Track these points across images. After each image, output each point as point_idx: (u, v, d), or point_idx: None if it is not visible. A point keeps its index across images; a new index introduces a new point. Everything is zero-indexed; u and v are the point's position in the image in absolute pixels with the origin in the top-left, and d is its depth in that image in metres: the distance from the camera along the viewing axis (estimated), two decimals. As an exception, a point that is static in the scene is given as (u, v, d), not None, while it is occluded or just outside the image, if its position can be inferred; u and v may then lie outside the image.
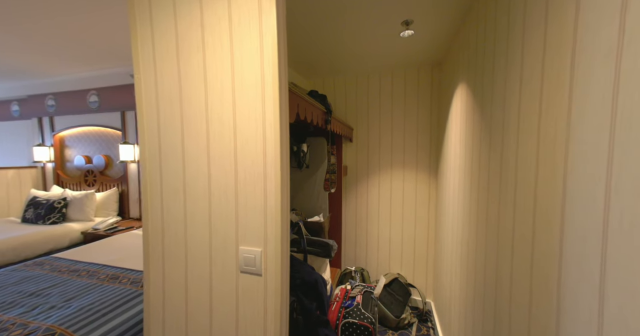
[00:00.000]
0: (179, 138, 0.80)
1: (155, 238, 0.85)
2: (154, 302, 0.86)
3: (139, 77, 0.83)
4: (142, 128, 0.84)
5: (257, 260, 0.73)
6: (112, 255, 1.69)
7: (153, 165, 0.84)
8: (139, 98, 0.84)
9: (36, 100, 3.18)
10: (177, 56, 0.78)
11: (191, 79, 0.77)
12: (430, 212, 2.02)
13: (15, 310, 1.09)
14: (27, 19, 1.72)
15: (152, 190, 0.84)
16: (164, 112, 0.81)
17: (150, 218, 0.85)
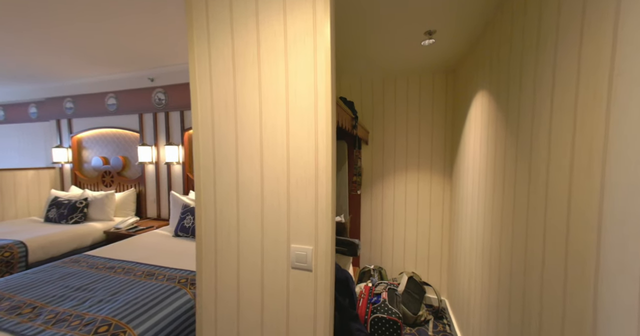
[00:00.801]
0: (232, 145, 0.87)
1: (208, 239, 0.92)
2: (206, 299, 0.93)
3: (194, 89, 0.90)
4: (196, 137, 0.91)
5: (308, 257, 0.80)
6: (141, 253, 1.76)
7: (207, 171, 0.91)
8: (195, 109, 0.91)
9: (54, 102, 3.26)
10: (233, 70, 0.85)
11: (246, 91, 0.84)
12: (445, 213, 2.09)
13: (67, 302, 1.16)
14: (48, 24, 1.79)
15: (206, 194, 0.91)
16: (219, 122, 0.88)
17: (203, 220, 0.92)
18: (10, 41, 2.04)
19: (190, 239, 2.08)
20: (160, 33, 1.91)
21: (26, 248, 1.98)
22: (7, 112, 3.62)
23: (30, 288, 1.27)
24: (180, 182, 2.76)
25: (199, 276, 0.94)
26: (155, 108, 2.79)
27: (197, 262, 0.94)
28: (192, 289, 1.32)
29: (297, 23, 0.77)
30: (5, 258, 1.85)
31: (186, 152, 2.71)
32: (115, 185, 3.03)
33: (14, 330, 0.98)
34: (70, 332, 0.97)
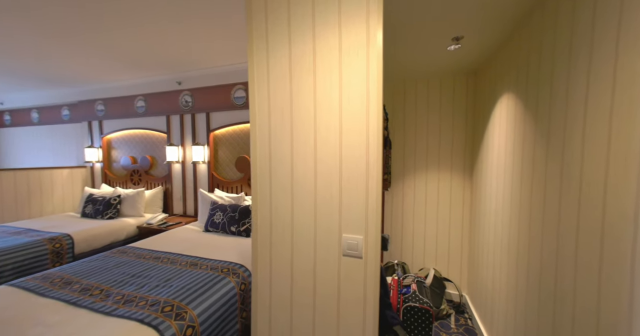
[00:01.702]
0: (287, 145, 0.97)
1: (264, 230, 1.02)
2: (261, 286, 1.04)
3: (253, 94, 1.01)
4: (253, 137, 1.02)
5: (359, 245, 0.89)
6: (179, 245, 1.88)
7: (263, 167, 1.01)
8: (253, 111, 1.01)
9: (86, 105, 3.46)
10: (289, 77, 0.95)
11: (302, 95, 0.94)
12: (465, 212, 2.15)
13: (128, 287, 1.29)
14: (87, 31, 1.94)
15: (262, 189, 1.02)
16: (275, 122, 0.98)
17: (259, 213, 1.03)
18: (52, 47, 2.21)
19: (221, 234, 2.20)
20: (189, 39, 2.04)
21: (72, 240, 2.14)
22: (41, 114, 3.85)
23: (93, 274, 1.41)
24: (205, 180, 2.89)
25: (254, 265, 1.04)
26: (182, 110, 2.94)
27: (253, 252, 1.05)
28: (235, 278, 1.43)
29: (351, 36, 0.87)
30: (56, 249, 2.01)
31: (211, 152, 2.84)
32: (143, 183, 3.20)
33: (92, 307, 1.11)
34: (140, 310, 1.09)
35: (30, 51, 2.27)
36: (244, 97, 2.64)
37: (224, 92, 2.72)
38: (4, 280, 1.74)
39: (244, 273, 1.50)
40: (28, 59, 2.48)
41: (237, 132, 2.76)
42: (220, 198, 2.47)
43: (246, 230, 2.13)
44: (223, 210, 2.25)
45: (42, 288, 1.26)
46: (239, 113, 2.71)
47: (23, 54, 2.34)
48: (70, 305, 1.13)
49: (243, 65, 2.63)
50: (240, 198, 2.44)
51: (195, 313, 1.13)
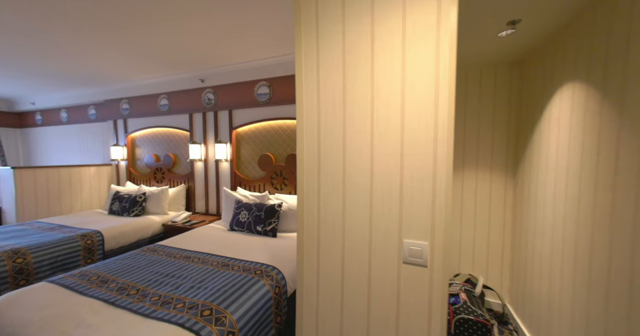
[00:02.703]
0: (340, 138, 0.88)
1: (311, 229, 0.95)
2: (307, 289, 0.96)
3: (300, 84, 0.93)
4: (300, 129, 0.94)
5: (424, 253, 0.80)
6: (207, 245, 1.85)
7: (311, 163, 0.93)
8: (300, 104, 0.94)
9: (112, 104, 3.53)
10: (342, 65, 0.86)
11: (357, 85, 0.85)
12: (507, 214, 2.00)
13: (163, 287, 1.25)
14: (111, 27, 1.93)
15: (309, 186, 0.94)
16: (325, 115, 0.90)
17: (306, 211, 0.95)
18: (78, 43, 2.23)
19: (246, 233, 2.16)
20: (214, 34, 2.00)
21: (102, 237, 2.16)
22: (70, 114, 3.98)
23: (127, 273, 1.39)
24: (228, 178, 2.87)
25: (299, 266, 0.97)
26: (204, 107, 2.93)
27: (299, 252, 0.97)
28: (268, 280, 1.37)
29: (418, 15, 0.77)
30: (87, 245, 2.04)
31: (233, 150, 2.82)
32: (166, 181, 3.22)
33: (130, 308, 1.07)
34: (179, 313, 1.04)
35: (58, 49, 2.31)
36: (267, 93, 2.59)
37: (247, 89, 2.68)
38: (41, 274, 1.77)
39: (277, 276, 1.43)
40: (56, 58, 2.53)
41: (260, 129, 2.71)
42: (245, 196, 2.43)
43: (272, 229, 2.08)
44: (248, 209, 2.20)
45: (80, 286, 1.25)
46: (262, 110, 2.66)
47: (51, 52, 2.39)
48: (109, 305, 1.11)
49: (267, 61, 2.57)
50: (265, 197, 2.39)
51: (234, 317, 1.07)
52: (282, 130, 2.61)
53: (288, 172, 2.54)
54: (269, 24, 1.87)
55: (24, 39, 2.08)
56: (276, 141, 2.63)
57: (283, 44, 2.24)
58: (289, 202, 2.27)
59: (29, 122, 4.44)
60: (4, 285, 1.61)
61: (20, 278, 1.67)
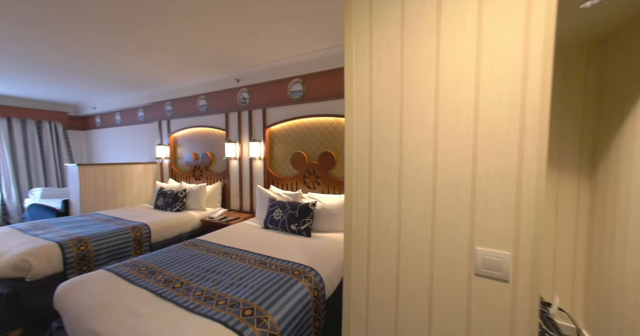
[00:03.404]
0: (396, 129, 0.78)
1: (360, 232, 0.86)
2: (355, 297, 0.87)
3: (350, 71, 0.84)
4: (349, 120, 0.85)
5: (504, 265, 0.66)
6: (243, 241, 1.86)
7: (361, 157, 0.84)
8: (349, 92, 0.85)
9: (157, 106, 3.81)
10: (400, 44, 0.76)
11: (418, 67, 0.74)
12: (581, 220, 1.69)
13: (205, 282, 1.26)
14: (165, 39, 2.03)
15: (358, 183, 0.85)
16: (379, 103, 0.80)
17: (354, 211, 0.86)
18: (133, 48, 2.41)
19: (280, 231, 2.14)
20: (250, 31, 2.01)
21: (149, 230, 2.31)
22: (122, 116, 4.40)
23: (171, 265, 1.44)
24: (261, 176, 2.91)
25: (347, 272, 0.89)
26: (239, 107, 3.00)
27: (346, 256, 0.89)
28: (307, 282, 1.31)
29: (501, -22, 0.63)
30: (137, 237, 2.20)
31: (267, 148, 2.84)
32: (204, 179, 3.38)
33: (176, 301, 1.09)
34: (222, 311, 1.03)
35: (113, 54, 2.53)
36: (300, 90, 2.55)
37: (280, 87, 2.68)
38: (99, 261, 1.94)
39: (315, 278, 1.37)
40: (112, 64, 2.79)
41: (293, 127, 2.69)
42: (278, 195, 2.43)
43: (306, 229, 2.03)
44: (282, 208, 2.19)
45: (132, 275, 1.31)
46: (295, 108, 2.64)
47: (107, 58, 2.62)
48: (157, 296, 1.14)
49: (300, 58, 2.54)
50: (298, 195, 2.36)
51: (275, 320, 1.03)
52: (315, 127, 2.55)
53: (321, 170, 2.48)
54: (304, 18, 1.82)
55: (86, 47, 2.31)
56: (309, 139, 2.59)
57: (318, 39, 2.19)
58: (323, 201, 2.20)
59: (90, 124, 5.02)
60: (70, 270, 1.79)
61: (83, 264, 1.85)
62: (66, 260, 1.77)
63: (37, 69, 2.90)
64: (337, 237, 2.00)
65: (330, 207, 2.14)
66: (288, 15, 1.79)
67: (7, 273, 1.57)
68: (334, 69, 2.36)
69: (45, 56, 2.50)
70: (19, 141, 4.23)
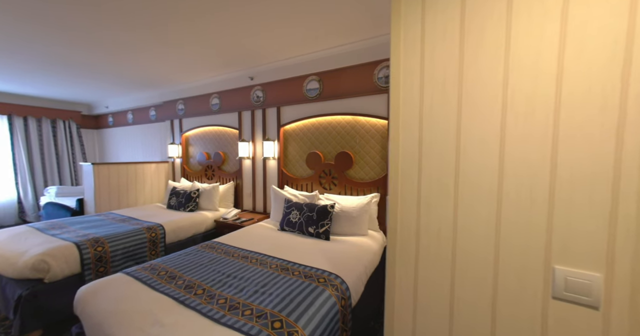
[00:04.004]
0: (452, 127, 0.69)
1: (406, 240, 0.77)
2: (399, 316, 0.79)
3: (396, 64, 0.76)
4: (395, 119, 0.77)
5: (593, 288, 0.56)
6: (261, 244, 1.80)
7: (409, 155, 0.75)
8: (395, 88, 0.77)
9: (169, 105, 3.79)
10: (460, 33, 0.67)
11: (482, 56, 0.65)
12: None
13: (227, 289, 1.20)
14: (180, 36, 1.97)
15: (405, 182, 0.76)
16: (430, 99, 0.71)
17: (400, 213, 0.78)
18: (147, 46, 2.37)
19: (297, 234, 2.07)
20: (264, 28, 1.94)
21: (164, 230, 2.28)
22: (134, 115, 4.41)
23: (191, 269, 1.39)
24: (275, 176, 2.85)
25: (389, 287, 0.80)
26: (253, 105, 2.94)
27: (389, 268, 0.81)
28: (334, 291, 1.24)
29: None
30: (152, 237, 2.17)
31: (281, 148, 2.77)
32: (216, 178, 3.34)
33: (200, 310, 1.04)
34: (249, 322, 0.96)
35: (125, 52, 2.50)
36: (317, 88, 2.47)
37: (295, 85, 2.61)
38: (116, 263, 1.91)
39: (341, 286, 1.29)
40: (124, 62, 2.76)
41: (308, 126, 2.61)
42: (294, 196, 2.36)
43: (325, 232, 1.95)
44: (299, 209, 2.12)
45: (152, 280, 1.26)
46: (310, 106, 2.56)
47: (119, 56, 2.60)
48: (179, 304, 1.08)
49: (316, 55, 2.46)
50: (315, 196, 2.28)
51: (306, 334, 0.95)
52: (331, 126, 2.47)
53: (338, 170, 2.40)
54: (321, 14, 1.74)
55: (101, 44, 2.28)
56: (325, 138, 2.51)
57: (335, 35, 2.10)
58: (342, 203, 2.12)
59: (103, 123, 5.07)
60: (87, 271, 1.76)
61: (100, 265, 1.82)
62: (83, 261, 1.74)
63: (53, 68, 2.90)
64: (358, 240, 1.91)
65: (350, 209, 2.06)
66: (305, 11, 1.71)
67: (26, 274, 1.55)
68: (353, 65, 2.27)
69: (61, 54, 2.49)
70: (35, 140, 4.29)
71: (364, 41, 2.20)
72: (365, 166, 2.30)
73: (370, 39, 2.17)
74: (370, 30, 2.03)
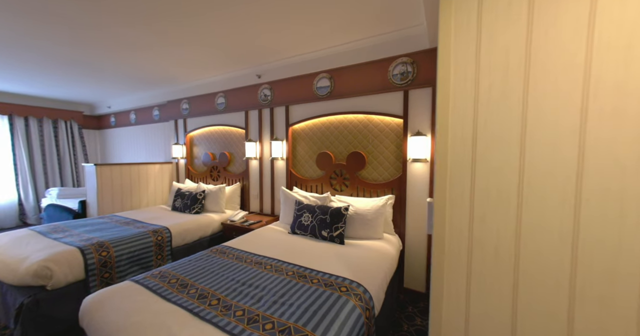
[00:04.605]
0: (515, 122, 0.61)
1: (456, 253, 0.69)
2: (447, 326, 0.71)
3: (446, 50, 0.67)
4: (443, 111, 0.69)
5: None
6: (273, 249, 1.72)
7: (459, 158, 0.67)
8: (444, 76, 0.68)
9: (173, 105, 3.72)
10: (527, 12, 0.58)
11: (555, 40, 0.56)
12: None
13: (243, 299, 1.12)
14: (183, 32, 1.90)
15: (454, 190, 0.68)
16: (488, 91, 0.63)
17: (448, 226, 0.70)
18: (148, 42, 2.29)
19: (309, 237, 1.99)
20: (273, 24, 1.86)
21: (170, 233, 2.20)
22: (137, 115, 4.33)
23: (203, 277, 1.30)
24: (283, 177, 2.76)
25: (435, 304, 0.72)
26: (260, 104, 2.86)
27: (435, 282, 0.72)
28: (357, 301, 1.15)
29: None
30: (158, 241, 2.08)
31: (289, 148, 2.69)
32: (222, 179, 3.26)
33: (216, 323, 0.95)
34: (273, 340, 0.87)
35: (128, 49, 2.42)
36: (327, 86, 2.39)
37: (305, 83, 2.53)
38: (121, 268, 1.83)
39: (364, 295, 1.21)
40: (127, 61, 2.68)
41: (318, 125, 2.53)
42: (305, 197, 2.28)
43: (339, 235, 1.87)
44: (311, 212, 2.03)
45: (162, 289, 1.18)
46: (320, 105, 2.48)
47: (122, 53, 2.52)
48: (194, 316, 1.00)
49: (326, 52, 2.38)
50: (326, 198, 2.20)
51: (336, 351, 0.87)
52: (342, 125, 2.39)
53: (349, 171, 2.31)
54: (334, 6, 1.66)
55: (103, 41, 2.20)
56: (336, 138, 2.43)
57: (347, 30, 2.02)
58: (355, 205, 2.04)
59: (105, 124, 4.99)
60: (92, 277, 1.68)
61: (105, 271, 1.74)
62: (88, 266, 1.66)
63: (54, 67, 2.82)
64: (374, 245, 1.83)
65: (365, 211, 1.97)
66: (315, 5, 1.63)
67: (28, 281, 1.46)
68: (366, 62, 2.19)
69: (61, 53, 2.41)
70: (36, 140, 4.21)
71: (378, 37, 2.12)
72: (379, 166, 2.22)
73: (385, 34, 2.09)
74: (385, 25, 1.96)
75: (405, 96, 2.04)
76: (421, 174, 2.01)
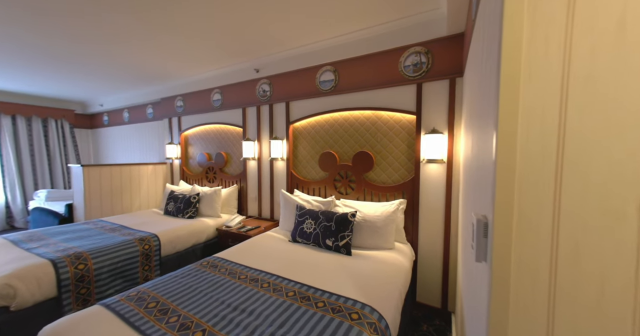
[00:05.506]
0: (630, 113, 0.41)
1: (530, 292, 0.48)
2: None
3: (512, 9, 0.47)
4: (507, 101, 0.48)
5: None
6: (273, 262, 1.52)
7: (535, 160, 0.47)
8: (510, 49, 0.48)
9: (167, 102, 3.52)
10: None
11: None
12: None
13: (235, 329, 0.92)
14: (177, 23, 1.70)
15: (525, 203, 0.48)
16: (590, 58, 0.43)
17: (514, 259, 0.49)
18: (140, 31, 2.09)
19: (312, 247, 1.79)
20: (273, 13, 1.66)
21: (159, 241, 2.00)
22: (131, 114, 4.14)
23: (188, 299, 1.11)
24: (283, 179, 2.56)
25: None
26: (259, 101, 2.66)
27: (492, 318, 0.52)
28: (372, 331, 0.95)
29: None
30: (145, 250, 1.88)
31: (290, 148, 2.49)
32: (218, 181, 3.07)
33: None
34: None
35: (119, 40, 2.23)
36: (331, 80, 2.19)
37: (307, 77, 2.32)
38: (101, 282, 1.63)
39: (379, 323, 1.01)
40: (119, 53, 2.49)
41: (321, 123, 2.33)
42: (307, 202, 2.08)
43: (346, 245, 1.67)
44: (314, 218, 1.83)
45: (137, 317, 0.98)
46: (324, 101, 2.28)
47: (113, 45, 2.32)
48: (170, 357, 0.79)
49: (330, 42, 2.18)
50: (331, 203, 2.00)
51: None
52: (348, 123, 2.19)
53: (356, 173, 2.11)
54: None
55: (94, 31, 2.01)
56: (341, 136, 2.23)
57: (353, 18, 1.82)
58: (363, 210, 1.84)
59: (97, 122, 4.80)
60: (66, 294, 1.48)
61: (82, 286, 1.54)
62: (61, 282, 1.46)
63: (43, 60, 2.63)
64: (385, 256, 1.63)
65: (374, 218, 1.77)
66: None
67: (-13, 301, 1.27)
68: (374, 53, 1.99)
69: (52, 44, 2.21)
70: (24, 140, 4.02)
71: (387, 24, 1.92)
72: (388, 168, 2.01)
73: (394, 21, 1.89)
74: (395, 10, 1.76)
75: (418, 90, 1.84)
76: (436, 176, 1.80)
